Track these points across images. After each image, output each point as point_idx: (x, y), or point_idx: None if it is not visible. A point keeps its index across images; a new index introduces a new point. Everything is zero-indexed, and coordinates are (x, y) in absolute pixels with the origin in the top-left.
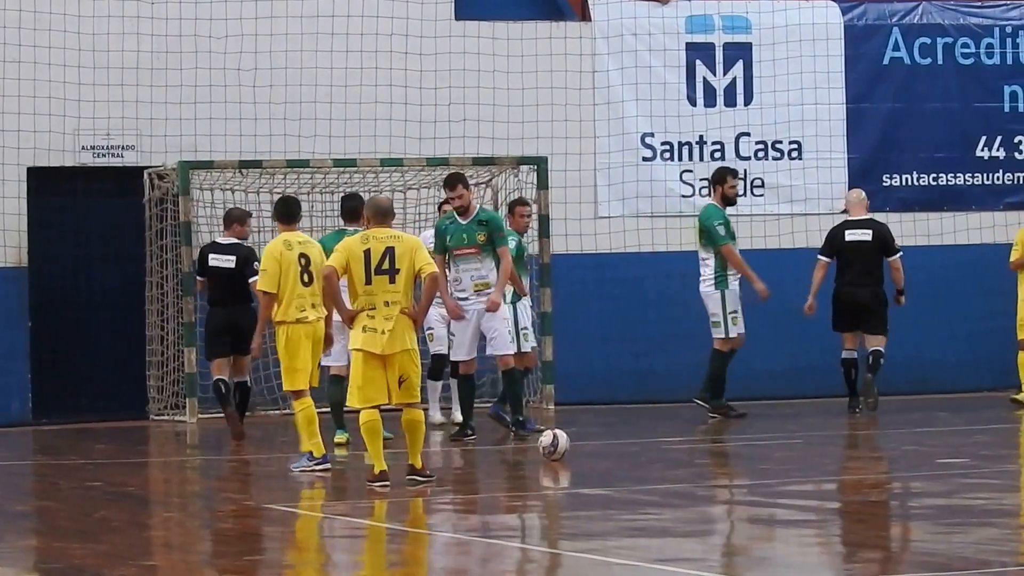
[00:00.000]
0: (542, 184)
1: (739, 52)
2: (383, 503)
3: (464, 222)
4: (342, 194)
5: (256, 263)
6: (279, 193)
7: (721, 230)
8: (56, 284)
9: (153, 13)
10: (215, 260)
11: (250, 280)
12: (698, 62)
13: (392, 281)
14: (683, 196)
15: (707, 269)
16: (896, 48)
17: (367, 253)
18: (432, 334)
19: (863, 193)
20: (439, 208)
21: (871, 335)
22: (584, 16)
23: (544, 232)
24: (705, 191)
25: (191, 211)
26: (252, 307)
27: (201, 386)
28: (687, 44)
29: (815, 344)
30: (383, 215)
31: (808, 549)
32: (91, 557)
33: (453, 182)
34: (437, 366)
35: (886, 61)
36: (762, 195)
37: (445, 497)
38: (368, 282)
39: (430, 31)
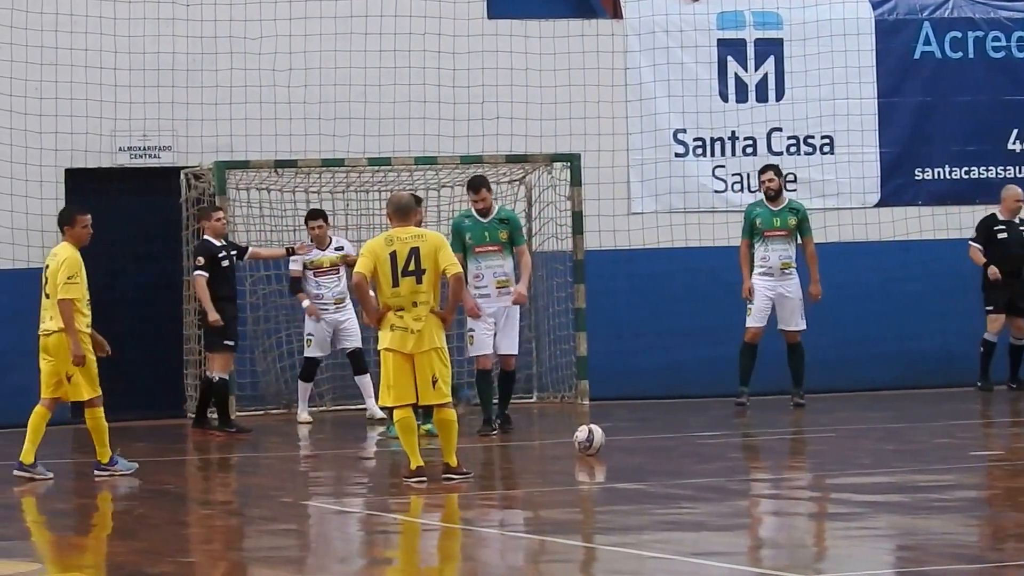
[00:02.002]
0: (575, 181)
1: (770, 48)
2: (419, 499)
3: (485, 220)
4: (378, 193)
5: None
6: (315, 192)
7: (742, 226)
8: (94, 284)
9: (188, 15)
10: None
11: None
12: (729, 58)
13: (419, 282)
14: (715, 192)
15: None
16: (927, 42)
17: (393, 256)
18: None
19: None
20: None
21: (1018, 318)
22: (616, 14)
23: (577, 229)
24: (737, 186)
25: (227, 210)
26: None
27: (237, 384)
28: (718, 40)
29: (845, 336)
30: (404, 213)
31: (840, 542)
32: (130, 554)
33: (478, 186)
34: (358, 363)
35: (917, 55)
36: (795, 190)
37: (480, 492)
38: (396, 284)
39: (463, 30)
